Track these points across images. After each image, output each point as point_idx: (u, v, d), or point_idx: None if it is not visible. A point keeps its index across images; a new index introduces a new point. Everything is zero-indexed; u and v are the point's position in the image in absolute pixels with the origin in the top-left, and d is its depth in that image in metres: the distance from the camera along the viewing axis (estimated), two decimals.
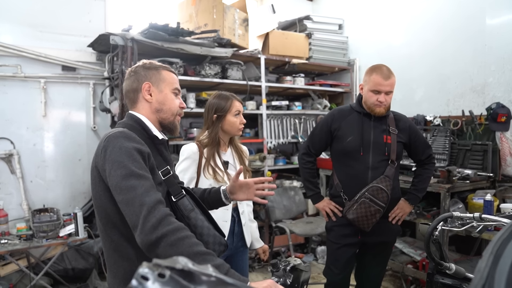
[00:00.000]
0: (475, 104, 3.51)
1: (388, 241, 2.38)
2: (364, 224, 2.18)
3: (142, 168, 1.15)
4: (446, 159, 3.56)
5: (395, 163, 2.23)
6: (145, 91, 1.34)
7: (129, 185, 1.10)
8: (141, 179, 1.11)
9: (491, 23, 3.38)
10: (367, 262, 2.41)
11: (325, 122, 2.36)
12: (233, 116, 2.03)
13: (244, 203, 2.13)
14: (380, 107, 2.17)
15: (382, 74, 2.14)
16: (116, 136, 1.20)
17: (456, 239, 3.39)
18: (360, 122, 2.25)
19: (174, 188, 1.31)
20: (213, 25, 3.77)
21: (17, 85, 3.46)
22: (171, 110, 1.37)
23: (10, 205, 3.42)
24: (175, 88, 1.39)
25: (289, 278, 0.90)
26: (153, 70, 1.37)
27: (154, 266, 0.49)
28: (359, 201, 2.17)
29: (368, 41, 4.61)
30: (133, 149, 1.16)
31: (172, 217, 1.08)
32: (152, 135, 1.33)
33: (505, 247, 0.54)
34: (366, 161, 2.21)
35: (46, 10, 3.54)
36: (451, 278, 1.41)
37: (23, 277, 3.28)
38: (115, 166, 1.14)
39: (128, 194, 1.09)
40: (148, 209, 1.06)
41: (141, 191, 1.09)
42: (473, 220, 1.41)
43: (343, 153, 2.28)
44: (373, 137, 2.22)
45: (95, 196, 1.26)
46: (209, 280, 0.50)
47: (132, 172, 1.12)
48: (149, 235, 1.03)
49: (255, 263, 3.95)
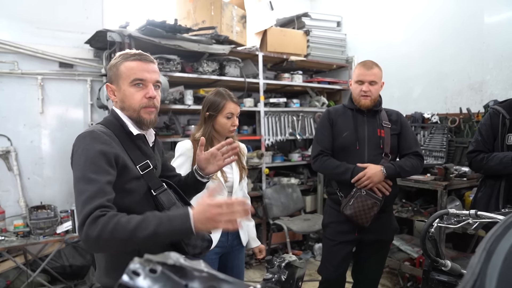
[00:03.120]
0: (473, 101, 3.52)
1: (385, 239, 2.37)
2: (363, 218, 2.16)
3: (98, 171, 1.14)
4: (444, 156, 3.57)
5: (389, 156, 2.24)
6: (109, 92, 1.35)
7: (78, 190, 1.14)
8: (89, 184, 1.11)
9: (489, 21, 3.38)
10: (365, 261, 2.40)
11: (324, 119, 2.38)
12: (225, 118, 1.99)
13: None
14: (366, 99, 2.21)
15: (365, 65, 2.24)
16: (84, 136, 1.22)
17: (453, 236, 3.40)
18: (353, 118, 2.29)
19: (153, 182, 1.30)
20: (211, 22, 3.76)
21: (14, 81, 3.44)
22: (132, 106, 1.31)
23: (7, 202, 3.42)
24: (133, 80, 1.29)
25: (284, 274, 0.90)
26: (113, 68, 1.33)
27: (146, 262, 0.49)
28: (355, 195, 2.17)
29: (366, 39, 4.61)
30: (96, 151, 1.16)
31: (103, 217, 1.06)
32: (128, 131, 1.32)
33: (498, 244, 0.54)
34: (362, 155, 2.23)
35: (43, 6, 3.52)
36: (447, 275, 1.42)
37: (20, 274, 3.28)
38: (74, 167, 1.19)
39: (76, 199, 1.14)
40: (83, 218, 1.07)
41: (83, 198, 1.10)
42: (469, 217, 1.41)
43: (340, 149, 2.29)
44: (367, 131, 2.26)
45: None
46: (201, 275, 0.50)
47: (83, 176, 1.13)
48: (86, 243, 1.07)
49: (252, 260, 3.96)
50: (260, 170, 4.13)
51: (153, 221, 1.05)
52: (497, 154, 2.18)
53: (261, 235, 4.02)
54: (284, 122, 4.32)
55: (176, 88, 3.60)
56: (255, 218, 2.55)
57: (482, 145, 2.27)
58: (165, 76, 3.26)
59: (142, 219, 1.06)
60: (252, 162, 3.98)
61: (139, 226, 1.04)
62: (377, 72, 2.23)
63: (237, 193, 2.08)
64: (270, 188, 4.09)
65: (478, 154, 2.28)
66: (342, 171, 2.21)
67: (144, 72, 1.31)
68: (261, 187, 4.09)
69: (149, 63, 1.34)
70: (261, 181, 4.13)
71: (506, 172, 2.11)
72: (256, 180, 4.20)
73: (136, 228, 1.04)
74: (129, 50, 1.36)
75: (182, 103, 3.60)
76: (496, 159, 2.15)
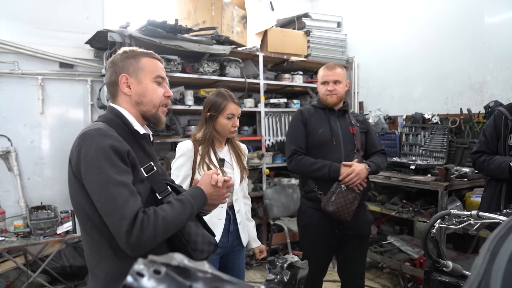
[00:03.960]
0: (473, 102, 3.52)
1: (363, 233, 2.41)
2: (345, 213, 2.21)
3: (120, 171, 1.09)
4: (444, 157, 3.57)
5: (360, 152, 2.35)
6: (122, 83, 1.25)
7: (107, 195, 1.06)
8: (119, 187, 1.07)
9: (490, 21, 3.38)
10: (348, 258, 2.42)
11: (297, 119, 2.44)
12: (225, 118, 1.99)
13: (241, 201, 2.12)
14: (332, 97, 2.33)
15: (327, 67, 2.38)
16: (91, 134, 1.12)
17: (454, 237, 3.40)
18: (326, 117, 2.38)
19: (158, 185, 1.24)
20: (211, 22, 3.76)
21: (14, 82, 3.44)
22: (153, 101, 1.27)
23: (8, 203, 3.42)
24: (156, 76, 1.28)
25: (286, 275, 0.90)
26: (131, 59, 1.26)
27: (150, 263, 0.49)
28: (336, 191, 2.21)
29: (367, 39, 4.61)
30: (110, 149, 1.10)
31: (148, 218, 1.08)
32: (133, 129, 1.25)
33: (502, 244, 0.54)
34: (339, 151, 2.32)
35: (43, 6, 3.52)
36: (449, 276, 1.42)
37: (21, 274, 3.28)
38: (91, 170, 1.09)
39: (107, 205, 1.06)
40: (129, 223, 1.04)
41: (120, 202, 1.05)
42: (470, 217, 1.42)
43: (316, 146, 2.35)
44: (341, 129, 2.36)
45: (72, 194, 1.20)
46: (205, 276, 0.50)
47: (110, 180, 1.07)
48: (137, 247, 1.06)
49: (253, 260, 3.96)
50: (261, 171, 4.13)
51: (186, 203, 1.19)
52: (497, 159, 2.22)
53: (262, 235, 4.02)
54: (284, 122, 4.32)
55: (177, 88, 3.60)
56: (255, 219, 2.55)
57: (485, 146, 2.33)
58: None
59: (179, 204, 1.17)
60: (253, 162, 3.98)
61: (180, 212, 1.16)
62: (340, 72, 2.35)
63: (237, 193, 2.08)
64: (270, 189, 4.09)
65: (481, 155, 2.33)
66: (319, 167, 2.27)
67: (163, 71, 1.32)
68: (262, 187, 4.09)
69: (162, 63, 1.35)
70: (261, 181, 4.13)
71: (504, 177, 2.17)
72: (256, 180, 4.20)
73: (179, 215, 1.15)
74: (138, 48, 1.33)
75: (182, 104, 3.60)
76: (496, 163, 2.20)
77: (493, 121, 2.32)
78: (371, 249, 3.69)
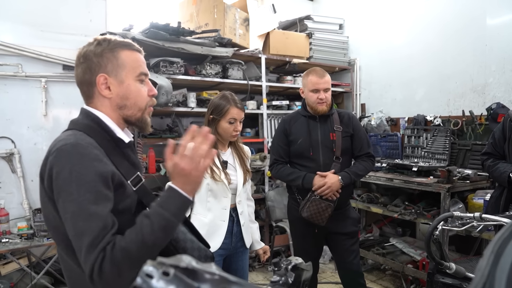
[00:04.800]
0: (476, 104, 3.52)
1: (349, 230, 2.46)
2: (319, 219, 2.31)
3: (98, 199, 0.93)
4: (446, 159, 3.57)
5: (340, 159, 2.36)
6: (100, 85, 1.06)
7: (77, 228, 0.91)
8: (90, 220, 0.91)
9: (491, 23, 3.39)
10: (340, 257, 2.50)
11: (279, 129, 2.55)
12: (227, 123, 2.00)
13: (244, 203, 2.13)
14: (322, 105, 2.35)
15: (317, 74, 2.34)
16: (67, 152, 0.95)
17: (456, 239, 3.39)
18: (306, 125, 2.41)
19: (147, 199, 1.08)
20: (214, 25, 3.77)
21: (18, 84, 3.46)
22: (138, 104, 1.10)
23: (11, 204, 3.42)
24: (140, 73, 1.10)
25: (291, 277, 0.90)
26: (108, 53, 1.06)
27: (158, 264, 0.50)
28: (310, 199, 2.32)
29: (368, 41, 4.62)
30: (90, 174, 0.93)
31: (104, 253, 0.89)
32: (116, 138, 1.08)
33: (506, 246, 0.55)
34: (317, 160, 2.37)
35: (47, 9, 3.54)
36: (452, 278, 1.42)
37: (24, 276, 3.29)
38: (62, 195, 0.93)
39: (75, 240, 0.92)
40: (90, 267, 0.88)
41: (89, 240, 0.89)
42: (473, 219, 1.42)
43: (296, 155, 2.44)
44: (321, 136, 2.38)
45: (47, 217, 1.04)
46: (213, 278, 0.51)
47: (81, 210, 0.91)
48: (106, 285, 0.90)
49: (255, 262, 3.96)
50: (263, 173, 4.13)
51: (153, 217, 0.93)
52: (499, 167, 2.29)
53: (264, 237, 4.02)
54: None
55: (179, 90, 3.61)
56: (257, 220, 2.56)
57: (492, 148, 2.41)
58: (168, 79, 3.27)
59: (146, 222, 0.93)
60: (255, 164, 3.98)
61: (147, 231, 0.91)
62: (328, 79, 2.38)
63: (241, 195, 2.09)
64: (272, 191, 4.10)
65: (488, 157, 2.42)
66: (293, 178, 2.40)
67: (145, 65, 1.13)
68: (264, 189, 4.10)
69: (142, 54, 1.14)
70: (264, 183, 4.13)
71: (504, 186, 2.26)
72: (258, 182, 4.21)
73: (147, 235, 0.91)
74: (113, 36, 1.12)
75: (185, 106, 3.61)
76: (498, 172, 2.29)
77: (501, 124, 2.40)
78: (373, 251, 3.69)
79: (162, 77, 3.22)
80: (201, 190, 1.97)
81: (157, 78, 3.15)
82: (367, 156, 2.45)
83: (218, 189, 1.99)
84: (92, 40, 1.10)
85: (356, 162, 2.45)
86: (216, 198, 2.00)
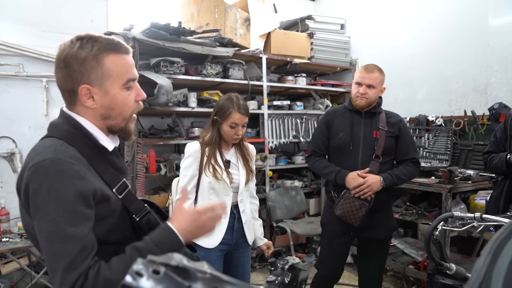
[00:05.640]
0: (478, 104, 3.50)
1: (382, 237, 2.40)
2: (352, 219, 2.23)
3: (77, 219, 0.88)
4: (448, 159, 3.55)
5: (379, 157, 2.28)
6: (83, 96, 0.98)
7: (52, 250, 0.87)
8: (68, 242, 0.86)
9: (494, 23, 3.37)
10: (365, 260, 2.46)
11: (322, 121, 2.50)
12: (228, 126, 2.00)
13: (246, 201, 2.14)
14: (362, 100, 2.28)
15: (366, 69, 2.30)
16: (45, 169, 0.89)
17: (458, 240, 3.37)
18: (351, 119, 2.35)
19: (134, 206, 1.05)
20: (214, 25, 3.77)
21: (19, 84, 3.46)
22: (122, 114, 1.03)
23: (12, 204, 3.43)
24: (127, 81, 1.01)
25: (287, 277, 0.89)
26: (91, 60, 0.96)
27: (149, 263, 0.49)
28: (344, 197, 2.25)
29: (370, 41, 4.60)
30: (69, 194, 0.88)
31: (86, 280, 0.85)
32: (100, 146, 1.02)
33: (503, 246, 0.54)
34: (356, 156, 2.31)
35: (48, 9, 3.55)
36: (452, 279, 1.41)
37: (24, 275, 3.29)
38: (39, 214, 0.88)
39: (51, 261, 0.88)
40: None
41: (64, 263, 0.85)
42: (474, 220, 1.41)
43: (336, 149, 2.39)
44: (363, 133, 2.32)
45: (25, 226, 1.00)
46: (204, 277, 0.50)
47: (58, 232, 0.86)
48: None
49: (256, 263, 3.95)
50: (264, 173, 4.13)
51: (145, 253, 0.86)
52: (499, 154, 2.32)
53: (265, 237, 4.01)
54: (287, 124, 4.31)
55: (180, 90, 3.61)
56: None
57: (494, 147, 2.41)
58: (169, 78, 3.27)
59: (136, 255, 0.88)
60: (256, 164, 3.96)
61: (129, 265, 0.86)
62: (376, 76, 2.28)
63: (242, 194, 2.10)
64: (273, 191, 4.09)
65: (490, 155, 2.42)
66: (327, 172, 2.35)
67: (133, 68, 1.04)
68: (265, 189, 4.09)
69: (130, 55, 1.06)
70: (264, 183, 4.12)
71: (503, 169, 2.27)
72: (259, 182, 4.20)
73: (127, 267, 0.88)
74: (97, 34, 1.02)
75: (185, 106, 3.61)
76: (497, 157, 2.32)
77: (503, 123, 2.40)
78: None
79: (162, 77, 3.22)
80: (203, 188, 2.01)
81: (158, 78, 3.15)
82: (412, 161, 2.35)
83: (219, 188, 2.01)
84: (73, 38, 1.00)
85: (401, 166, 2.35)
86: (217, 196, 2.03)
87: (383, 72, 2.33)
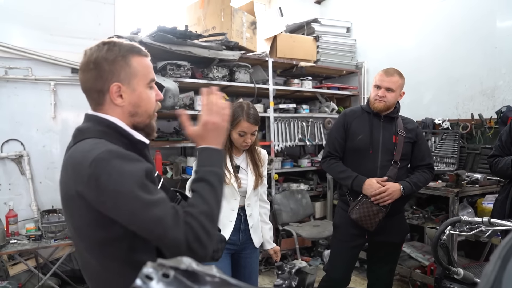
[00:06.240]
0: (485, 107, 3.47)
1: (395, 241, 2.39)
2: (368, 223, 2.21)
3: (152, 191, 0.96)
4: (455, 163, 3.53)
5: (398, 163, 2.26)
6: (114, 93, 1.05)
7: (150, 218, 0.93)
8: (158, 206, 0.94)
9: (501, 26, 3.35)
10: (376, 263, 2.44)
11: (339, 122, 2.43)
12: (237, 134, 2.01)
13: (253, 206, 2.14)
14: (380, 103, 2.25)
15: (386, 72, 2.28)
16: (105, 159, 0.94)
17: (465, 244, 3.34)
18: (370, 122, 2.31)
19: (169, 195, 1.13)
20: (221, 28, 3.79)
21: (28, 87, 3.50)
22: (148, 111, 1.11)
23: (20, 206, 3.46)
24: (150, 80, 1.11)
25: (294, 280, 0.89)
26: (120, 61, 1.05)
27: (158, 266, 0.50)
28: (361, 201, 2.22)
29: (376, 44, 4.59)
30: (136, 173, 0.95)
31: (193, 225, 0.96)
32: (136, 140, 1.08)
33: None
34: (375, 160, 2.27)
35: (57, 14, 3.59)
36: (459, 284, 1.40)
37: (32, 277, 3.32)
38: (121, 198, 0.93)
39: (154, 230, 0.93)
40: (185, 241, 0.93)
41: (169, 221, 0.93)
42: (481, 224, 1.40)
43: (354, 151, 2.33)
44: (382, 137, 2.28)
45: (79, 228, 1.04)
46: (213, 280, 0.50)
47: (144, 203, 0.93)
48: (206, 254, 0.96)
49: (262, 266, 3.94)
50: (270, 176, 4.12)
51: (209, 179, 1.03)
52: (505, 158, 2.29)
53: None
54: (293, 127, 4.31)
55: (186, 93, 3.63)
56: None
57: (500, 150, 2.38)
58: (175, 82, 3.29)
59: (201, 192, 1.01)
60: None
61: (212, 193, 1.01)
62: (396, 80, 2.26)
63: (250, 199, 2.11)
64: (279, 194, 4.08)
65: (495, 158, 2.38)
66: (344, 176, 2.30)
67: (153, 70, 1.14)
68: (271, 193, 4.08)
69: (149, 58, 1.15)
70: (270, 186, 4.12)
71: (509, 172, 2.23)
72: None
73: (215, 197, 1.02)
74: (121, 40, 1.11)
75: (192, 109, 3.63)
76: (503, 162, 2.28)
77: (509, 126, 2.37)
78: None
79: (169, 80, 3.23)
80: None
81: (164, 81, 3.17)
82: (428, 167, 2.36)
83: (227, 192, 2.01)
84: (100, 43, 1.08)
85: (417, 173, 2.34)
86: (225, 200, 2.02)
87: (403, 77, 2.32)
